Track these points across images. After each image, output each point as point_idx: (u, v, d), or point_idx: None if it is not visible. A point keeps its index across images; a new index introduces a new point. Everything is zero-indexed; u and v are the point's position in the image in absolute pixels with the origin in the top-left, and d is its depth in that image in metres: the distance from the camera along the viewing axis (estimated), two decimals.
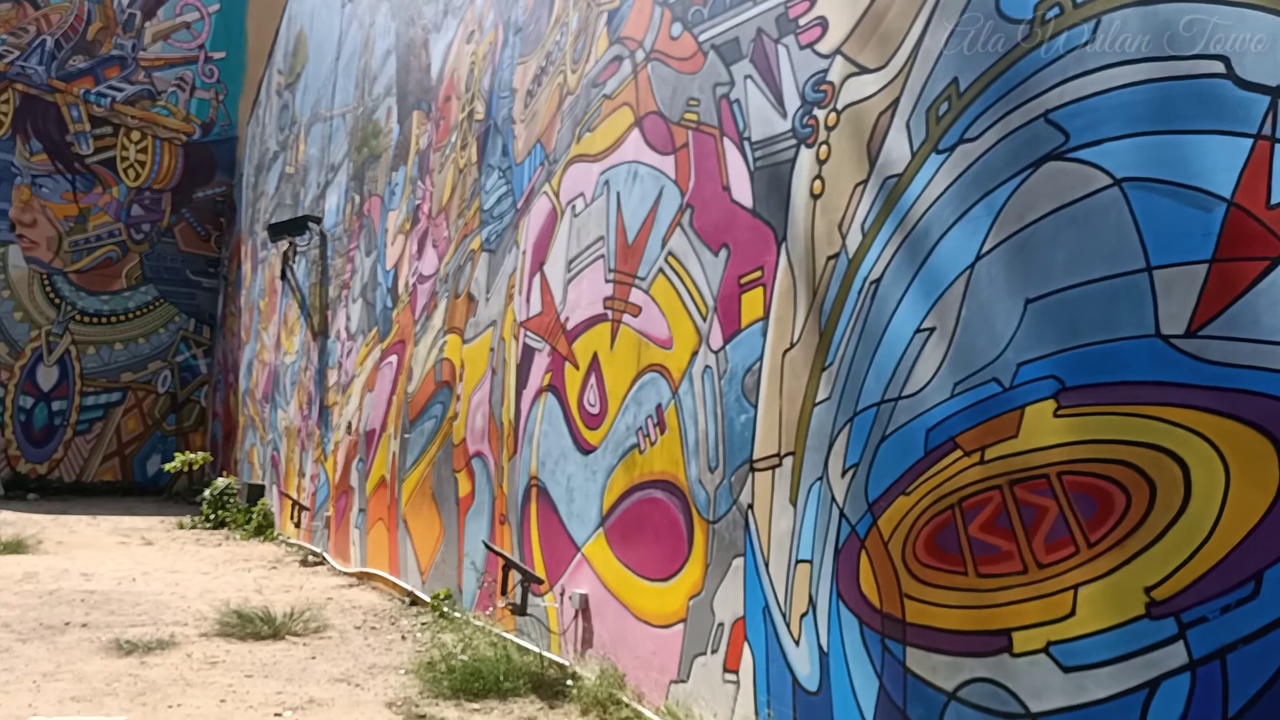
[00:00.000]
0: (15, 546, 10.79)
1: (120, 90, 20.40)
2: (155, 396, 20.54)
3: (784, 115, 4.42)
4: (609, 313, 5.70)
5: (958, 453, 3.34)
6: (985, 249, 3.38)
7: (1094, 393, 2.95)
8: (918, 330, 3.58)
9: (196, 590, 8.63)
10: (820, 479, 3.93)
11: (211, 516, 14.24)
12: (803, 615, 3.95)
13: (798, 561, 4.01)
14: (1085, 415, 2.97)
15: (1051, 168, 3.19)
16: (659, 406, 5.10)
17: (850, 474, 3.78)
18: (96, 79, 20.25)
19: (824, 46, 4.24)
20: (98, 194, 20.24)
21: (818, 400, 4.01)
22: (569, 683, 5.33)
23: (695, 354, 4.84)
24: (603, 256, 5.83)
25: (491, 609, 6.68)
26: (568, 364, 6.12)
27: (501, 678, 5.35)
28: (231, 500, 14.46)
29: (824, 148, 4.16)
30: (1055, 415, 3.05)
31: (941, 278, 3.53)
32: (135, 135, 20.53)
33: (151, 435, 20.40)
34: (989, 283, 3.34)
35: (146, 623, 7.10)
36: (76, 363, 19.92)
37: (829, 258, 4.06)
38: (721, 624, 4.43)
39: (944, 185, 3.57)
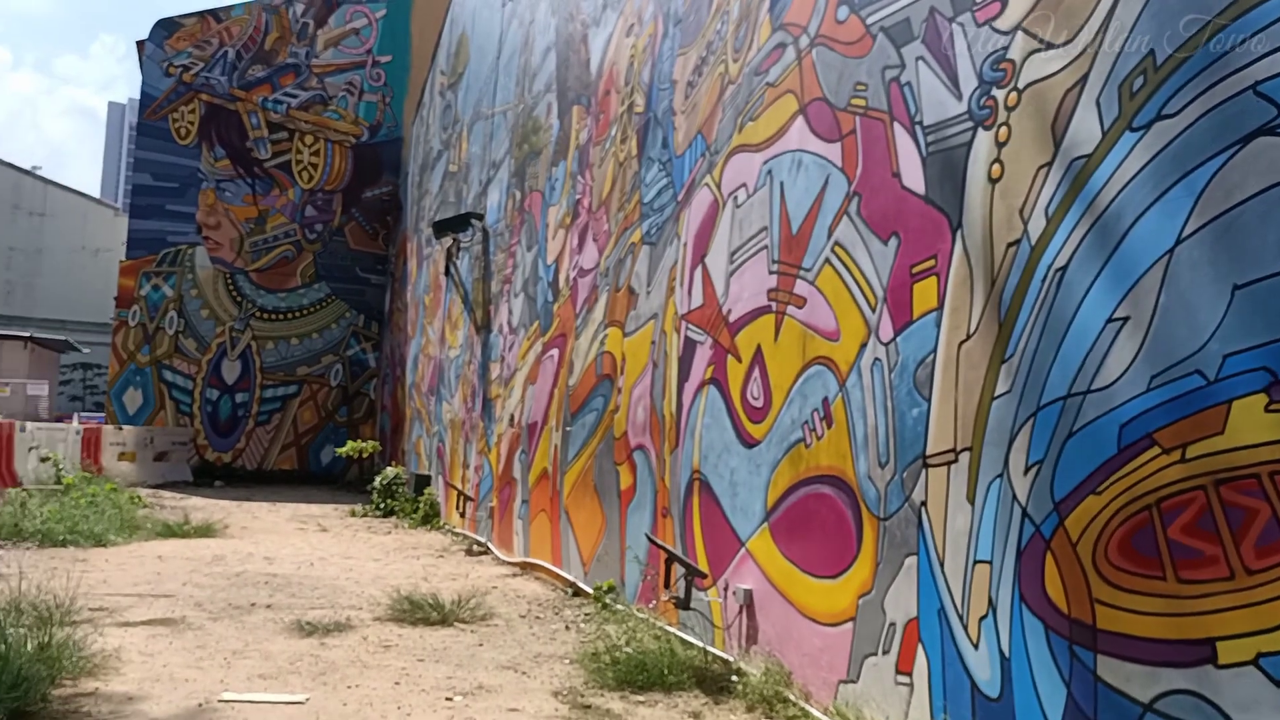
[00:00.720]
0: (205, 530, 11.49)
1: (295, 96, 21.45)
2: (328, 389, 21.53)
3: (959, 97, 4.25)
4: (773, 304, 5.61)
5: (1155, 450, 3.14)
6: (1186, 232, 3.16)
7: None
8: (1109, 320, 3.38)
9: (369, 576, 8.97)
10: (1000, 476, 3.77)
11: (381, 505, 14.81)
12: (982, 618, 3.79)
13: (976, 562, 3.85)
14: None
15: (1261, 144, 2.95)
16: (825, 400, 4.99)
17: (1033, 471, 3.60)
18: (273, 86, 21.35)
19: (1003, 23, 4.05)
20: (275, 196, 21.34)
21: (997, 394, 3.84)
22: (734, 678, 5.29)
23: (864, 346, 4.72)
24: (766, 247, 5.75)
25: (654, 602, 6.70)
26: (730, 356, 6.07)
27: (666, 671, 5.35)
28: (400, 489, 15.00)
29: (1003, 129, 3.98)
30: (1267, 410, 2.82)
31: (1136, 264, 3.32)
32: (309, 139, 21.53)
33: (325, 426, 21.40)
34: (1191, 268, 3.12)
35: (325, 606, 7.42)
36: (257, 357, 21.07)
37: (1009, 244, 3.88)
38: (893, 624, 4.30)
39: (1138, 165, 3.36)
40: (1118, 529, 3.24)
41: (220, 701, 4.90)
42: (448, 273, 14.59)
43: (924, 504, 4.18)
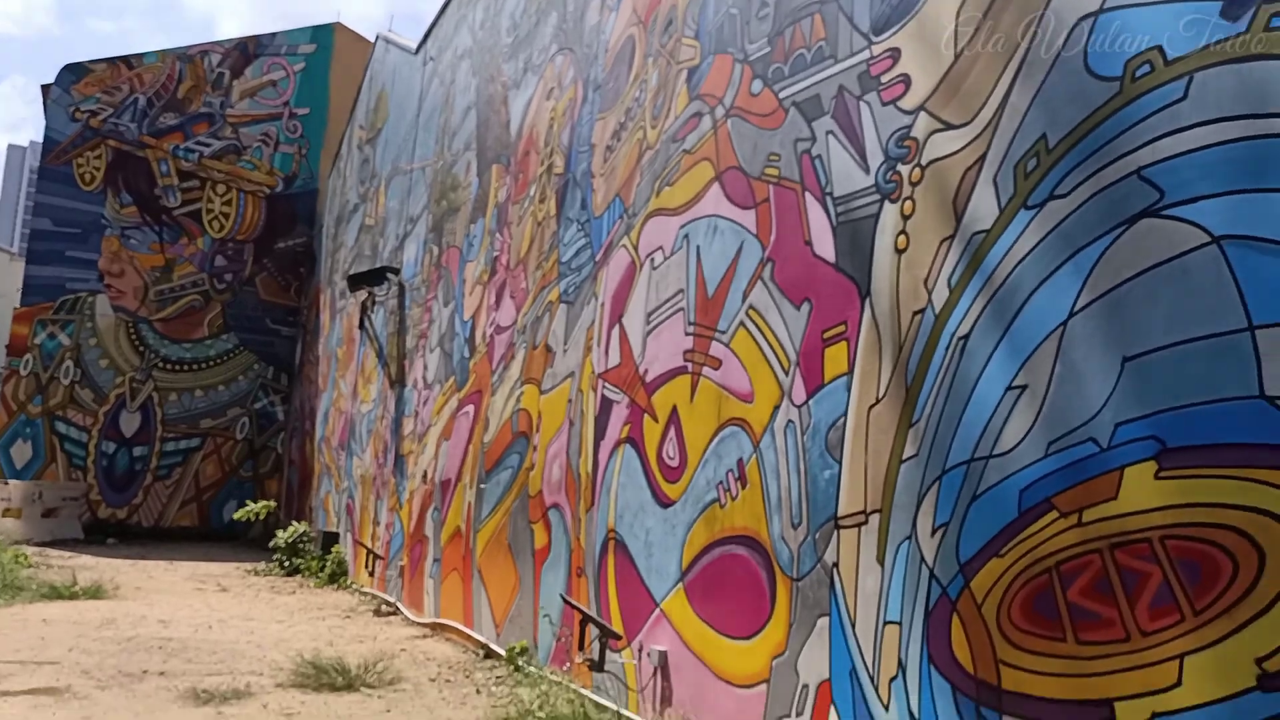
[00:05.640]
0: (94, 592, 10.98)
1: (208, 146, 21.12)
2: (233, 443, 20.96)
3: (867, 171, 4.43)
4: (689, 365, 5.71)
5: (1054, 514, 3.28)
6: (1078, 306, 3.33)
7: (1197, 455, 2.88)
8: (1008, 388, 3.53)
9: (271, 639, 8.72)
10: (909, 538, 3.88)
11: (286, 564, 14.42)
12: (892, 679, 3.87)
13: (886, 623, 3.94)
14: (1188, 478, 2.90)
15: (1146, 225, 3.15)
16: (740, 461, 5.08)
17: (940, 533, 3.72)
18: (185, 135, 21.00)
19: (907, 103, 4.24)
20: (183, 245, 20.88)
21: (905, 457, 3.96)
22: None
23: (777, 408, 4.82)
24: (682, 309, 5.86)
25: (568, 664, 6.66)
26: (646, 416, 6.13)
27: None
28: (306, 547, 14.64)
29: (908, 203, 4.15)
30: (1156, 477, 2.97)
31: (1032, 335, 3.48)
32: (221, 189, 21.19)
33: (229, 481, 20.80)
34: (1083, 340, 3.29)
35: (223, 671, 7.17)
36: (158, 409, 20.42)
37: (914, 313, 4.03)
38: (806, 685, 4.36)
39: (1033, 242, 3.54)
40: (1020, 591, 3.36)
41: None
42: (362, 326, 14.44)
43: (836, 565, 4.27)
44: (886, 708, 3.88)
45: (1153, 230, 3.12)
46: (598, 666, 6.02)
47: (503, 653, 7.70)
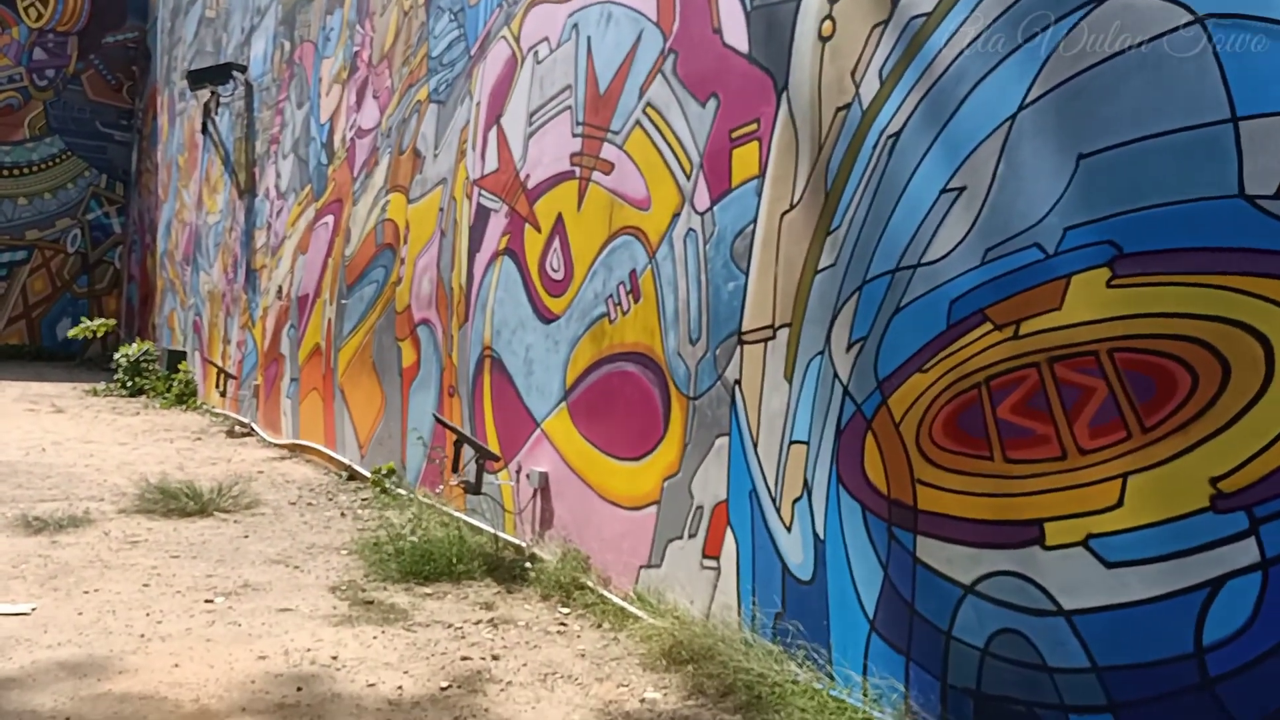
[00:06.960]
0: None
1: None
2: (65, 256, 19.41)
3: None
4: (576, 170, 5.21)
5: (987, 326, 3.01)
6: (1029, 99, 2.98)
7: (1159, 260, 2.61)
8: (943, 190, 3.20)
9: (113, 462, 8.11)
10: (821, 354, 3.58)
11: (128, 383, 13.57)
12: (795, 500, 3.64)
13: (792, 442, 3.68)
14: (1146, 285, 2.63)
15: (1116, 4, 2.78)
16: (633, 272, 4.68)
17: (857, 348, 3.44)
18: None
19: None
20: None
21: (820, 268, 3.63)
22: (527, 565, 5.02)
23: (677, 216, 4.41)
24: (570, 108, 5.31)
25: (440, 486, 6.32)
26: (528, 226, 5.64)
27: (454, 560, 5.01)
28: (150, 367, 13.79)
29: None
30: (1109, 285, 2.71)
31: (974, 131, 3.13)
32: None
33: (61, 297, 19.34)
34: (1032, 137, 2.96)
35: (58, 497, 6.58)
36: None
37: (839, 109, 3.63)
38: (701, 507, 4.11)
39: (981, 26, 3.15)
40: (944, 408, 3.12)
41: None
42: (205, 130, 13.25)
43: (738, 383, 3.97)
44: (789, 529, 3.66)
45: (1124, 10, 2.76)
46: (473, 489, 5.68)
47: (368, 475, 7.32)
